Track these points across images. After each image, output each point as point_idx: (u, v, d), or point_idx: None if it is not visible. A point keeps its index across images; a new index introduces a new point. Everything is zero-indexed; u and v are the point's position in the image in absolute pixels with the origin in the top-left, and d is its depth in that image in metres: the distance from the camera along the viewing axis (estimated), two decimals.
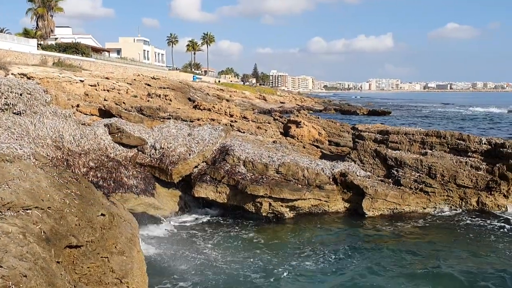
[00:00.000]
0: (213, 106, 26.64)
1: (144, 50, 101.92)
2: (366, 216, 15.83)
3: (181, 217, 15.99)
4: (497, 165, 16.91)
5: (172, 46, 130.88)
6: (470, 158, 17.49)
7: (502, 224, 15.03)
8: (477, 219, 15.61)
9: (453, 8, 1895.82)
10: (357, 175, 17.24)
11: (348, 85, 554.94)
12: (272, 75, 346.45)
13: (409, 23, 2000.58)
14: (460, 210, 16.40)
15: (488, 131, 45.81)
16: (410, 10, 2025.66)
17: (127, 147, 17.21)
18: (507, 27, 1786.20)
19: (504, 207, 16.33)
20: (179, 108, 25.72)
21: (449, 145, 18.04)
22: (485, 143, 17.81)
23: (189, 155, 16.98)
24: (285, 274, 11.12)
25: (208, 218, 16.02)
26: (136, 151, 17.19)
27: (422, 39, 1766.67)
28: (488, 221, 15.34)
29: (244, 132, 22.36)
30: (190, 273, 11.13)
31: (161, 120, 21.53)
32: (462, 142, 17.91)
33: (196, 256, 12.21)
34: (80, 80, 30.83)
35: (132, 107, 23.20)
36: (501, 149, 17.21)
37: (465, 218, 15.72)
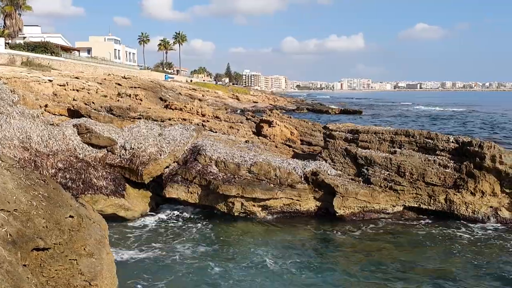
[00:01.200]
0: (185, 106, 26.50)
1: (115, 49, 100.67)
2: (337, 214, 15.99)
3: (152, 218, 15.86)
4: (464, 163, 17.30)
5: (143, 45, 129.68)
6: (438, 157, 17.83)
7: (471, 225, 15.38)
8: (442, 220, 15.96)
9: (422, 8, 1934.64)
10: (328, 174, 17.40)
11: (321, 84, 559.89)
12: (245, 75, 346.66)
13: (380, 23, 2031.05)
14: (429, 207, 16.72)
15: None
16: (381, 11, 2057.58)
17: (97, 148, 16.99)
18: (475, 27, 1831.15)
19: (471, 204, 16.69)
20: (150, 108, 25.49)
21: (417, 144, 18.36)
22: (452, 142, 18.18)
23: (160, 155, 16.87)
24: (252, 272, 11.18)
25: (179, 218, 15.93)
26: (106, 151, 16.98)
27: (392, 39, 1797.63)
28: (455, 221, 15.70)
29: (216, 132, 22.33)
30: (160, 274, 11.08)
31: (132, 120, 21.31)
32: (430, 140, 18.26)
33: (167, 256, 12.16)
34: (49, 80, 30.26)
35: (102, 107, 22.88)
36: (468, 148, 17.60)
37: (431, 216, 16.07)
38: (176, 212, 16.43)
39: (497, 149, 17.42)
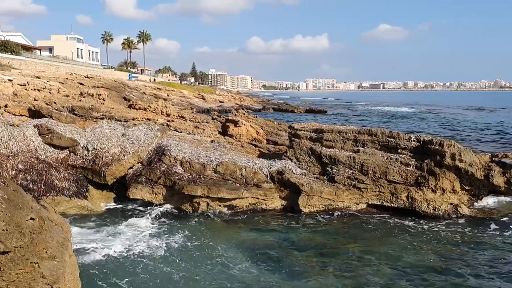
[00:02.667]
0: (149, 106, 26.21)
1: (77, 48, 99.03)
2: (302, 213, 16.17)
3: (115, 218, 15.61)
4: (425, 161, 17.76)
5: (107, 44, 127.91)
6: (400, 155, 18.25)
7: (434, 220, 15.80)
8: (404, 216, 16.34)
9: (384, 9, 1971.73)
10: (294, 173, 17.57)
11: (286, 84, 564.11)
12: (211, 74, 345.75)
13: (344, 24, 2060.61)
14: (391, 205, 17.09)
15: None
16: (345, 12, 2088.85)
17: (58, 149, 16.65)
18: (436, 28, 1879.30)
19: (431, 200, 17.15)
20: (113, 108, 25.11)
21: (380, 143, 18.74)
22: (414, 140, 18.64)
23: (124, 156, 16.67)
24: (215, 272, 11.19)
25: (143, 219, 15.74)
26: (68, 152, 16.67)
27: (356, 40, 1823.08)
28: (415, 217, 16.10)
29: (181, 132, 22.20)
30: (124, 275, 10.97)
31: (94, 120, 20.95)
32: (392, 139, 18.67)
33: (130, 258, 12.03)
34: (9, 79, 29.41)
35: (63, 107, 22.40)
36: (429, 146, 18.08)
37: (393, 214, 16.45)
38: (140, 213, 16.21)
39: (457, 147, 17.97)
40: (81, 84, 38.84)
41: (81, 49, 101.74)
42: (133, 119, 22.25)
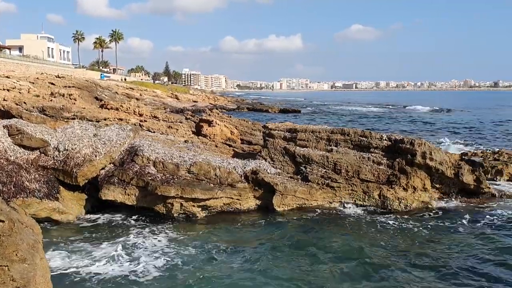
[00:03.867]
0: (121, 105, 25.95)
1: (48, 47, 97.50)
2: (276, 212, 16.26)
3: (88, 221, 15.43)
4: (397, 160, 18.07)
5: (78, 44, 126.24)
6: (372, 154, 18.52)
7: (405, 218, 16.08)
8: (377, 214, 16.59)
9: (356, 9, 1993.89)
10: (268, 173, 17.65)
11: (261, 84, 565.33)
12: (184, 74, 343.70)
13: (317, 24, 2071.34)
14: (364, 203, 17.32)
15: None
16: (318, 12, 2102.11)
17: (29, 150, 16.34)
18: (407, 28, 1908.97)
19: (403, 199, 17.45)
20: (85, 108, 24.78)
21: (352, 142, 18.98)
22: (385, 140, 18.94)
23: (95, 156, 16.46)
24: (190, 273, 11.18)
25: (117, 220, 15.59)
26: (39, 153, 16.37)
27: (329, 40, 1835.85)
28: (388, 215, 16.38)
29: (154, 132, 22.04)
30: (96, 277, 10.87)
31: (65, 120, 20.65)
32: (364, 138, 18.93)
33: (102, 260, 11.91)
34: None
35: (34, 107, 22.01)
36: (400, 145, 18.41)
37: (366, 211, 16.69)
38: (112, 214, 16.05)
39: (427, 146, 18.35)
40: (52, 84, 38.23)
41: (52, 48, 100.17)
42: (105, 119, 22.00)
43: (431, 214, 16.42)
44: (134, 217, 15.76)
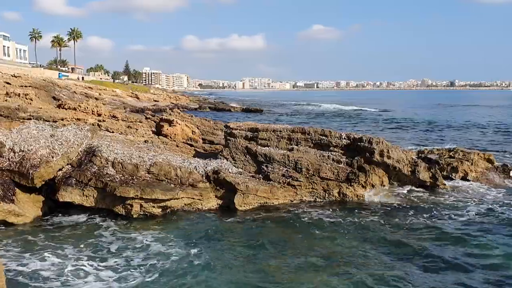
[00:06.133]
0: (79, 105, 25.30)
1: (3, 46, 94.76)
2: (238, 211, 16.20)
3: (45, 223, 14.97)
4: (356, 158, 18.35)
5: (35, 42, 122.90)
6: (332, 152, 18.74)
7: (363, 213, 16.33)
8: (339, 210, 16.80)
9: (318, 10, 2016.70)
10: (230, 172, 17.58)
11: (223, 83, 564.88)
12: (145, 73, 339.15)
13: (280, 24, 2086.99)
14: (324, 201, 17.48)
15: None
16: (281, 12, 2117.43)
17: None
18: (367, 29, 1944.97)
19: (362, 196, 17.74)
20: (41, 108, 24.04)
21: (313, 141, 19.14)
22: (344, 138, 19.20)
23: (52, 157, 15.98)
24: (149, 273, 11.03)
25: (75, 221, 15.17)
26: None
27: (291, 40, 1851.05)
28: (347, 212, 16.60)
29: (113, 132, 21.59)
30: (50, 280, 10.61)
31: (21, 120, 19.97)
32: (324, 137, 19.12)
33: (59, 262, 11.62)
34: None
35: None
36: (359, 143, 18.70)
37: (326, 209, 16.86)
38: (71, 215, 15.61)
39: (385, 144, 18.71)
40: (8, 83, 36.86)
41: (8, 47, 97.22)
42: (62, 119, 21.40)
43: (389, 208, 16.70)
44: (93, 218, 15.40)
